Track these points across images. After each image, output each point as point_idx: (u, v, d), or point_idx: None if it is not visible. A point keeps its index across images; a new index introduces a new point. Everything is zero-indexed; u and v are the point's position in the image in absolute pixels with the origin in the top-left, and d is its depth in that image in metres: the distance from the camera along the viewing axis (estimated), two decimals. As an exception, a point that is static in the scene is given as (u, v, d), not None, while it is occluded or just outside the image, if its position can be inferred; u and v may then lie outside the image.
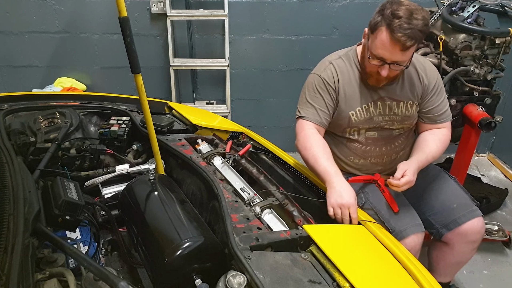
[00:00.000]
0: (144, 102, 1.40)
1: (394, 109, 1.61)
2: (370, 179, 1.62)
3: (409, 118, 1.63)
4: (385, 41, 1.38)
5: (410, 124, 1.66)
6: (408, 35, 1.33)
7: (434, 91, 1.62)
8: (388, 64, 1.43)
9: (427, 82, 1.60)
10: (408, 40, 1.34)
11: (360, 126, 1.62)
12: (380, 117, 1.61)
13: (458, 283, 2.12)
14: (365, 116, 1.59)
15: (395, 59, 1.41)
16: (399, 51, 1.38)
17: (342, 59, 1.61)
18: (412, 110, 1.62)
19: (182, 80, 3.21)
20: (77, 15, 2.99)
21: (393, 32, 1.34)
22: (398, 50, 1.38)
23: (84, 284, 0.98)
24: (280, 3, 2.95)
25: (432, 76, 1.62)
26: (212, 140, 1.77)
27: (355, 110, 1.58)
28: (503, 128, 2.62)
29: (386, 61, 1.42)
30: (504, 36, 1.95)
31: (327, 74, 1.57)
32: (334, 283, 0.98)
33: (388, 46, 1.38)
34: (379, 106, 1.59)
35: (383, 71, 1.44)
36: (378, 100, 1.59)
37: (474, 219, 1.56)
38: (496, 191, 2.81)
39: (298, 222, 1.24)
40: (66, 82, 3.08)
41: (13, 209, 0.96)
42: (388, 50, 1.39)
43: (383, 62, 1.43)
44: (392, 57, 1.41)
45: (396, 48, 1.37)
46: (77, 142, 1.61)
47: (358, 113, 1.59)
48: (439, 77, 1.65)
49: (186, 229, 1.16)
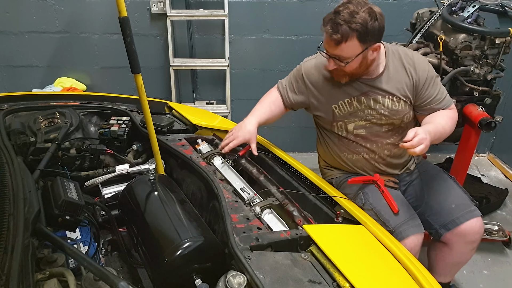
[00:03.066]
0: (144, 102, 1.40)
1: (379, 103, 1.60)
2: (370, 180, 1.62)
3: (397, 112, 1.62)
4: (325, 35, 1.46)
5: (400, 119, 1.63)
6: (334, 30, 1.40)
7: (428, 83, 1.60)
8: (331, 58, 1.49)
9: (417, 77, 1.59)
10: (334, 34, 1.40)
11: (345, 119, 1.65)
12: (365, 111, 1.62)
13: (458, 283, 2.12)
14: (348, 110, 1.63)
15: (334, 53, 1.47)
16: (334, 45, 1.44)
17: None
18: (400, 105, 1.61)
19: (182, 80, 3.21)
20: (77, 15, 2.98)
21: (323, 26, 1.44)
22: (332, 44, 1.44)
23: (84, 284, 0.98)
24: (280, 3, 2.94)
25: (422, 69, 1.60)
26: (212, 140, 1.77)
27: (338, 103, 1.63)
28: (503, 128, 2.62)
29: (329, 54, 1.49)
30: (504, 36, 1.94)
31: (306, 66, 1.69)
32: (334, 283, 0.98)
33: (326, 40, 1.46)
34: (363, 101, 1.61)
35: (328, 64, 1.52)
36: (361, 95, 1.61)
37: (473, 219, 1.56)
38: (496, 191, 2.81)
39: (298, 222, 1.24)
40: (66, 82, 3.08)
41: (13, 209, 0.96)
42: (327, 42, 1.46)
43: (328, 55, 1.49)
44: (330, 50, 1.47)
45: (331, 42, 1.44)
46: (77, 142, 1.61)
47: (341, 106, 1.63)
48: (430, 68, 1.63)
49: (186, 229, 1.16)
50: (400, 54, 1.62)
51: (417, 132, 1.39)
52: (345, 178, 1.73)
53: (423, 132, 1.39)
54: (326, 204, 1.44)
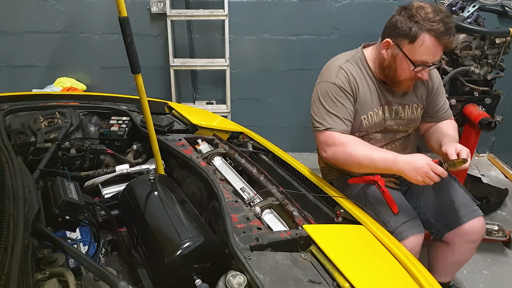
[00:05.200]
0: (144, 102, 1.40)
1: (400, 113, 1.61)
2: (371, 180, 1.61)
3: (414, 121, 1.66)
4: (430, 46, 1.38)
5: (414, 127, 1.69)
6: (451, 34, 1.38)
7: (439, 92, 1.65)
8: (430, 66, 1.45)
9: (431, 84, 1.63)
10: (452, 39, 1.39)
11: (369, 130, 1.60)
12: (387, 121, 1.62)
13: (458, 283, 2.12)
14: (375, 120, 1.58)
15: (437, 60, 1.45)
16: (441, 51, 1.42)
17: (351, 62, 1.56)
18: (417, 113, 1.64)
19: (182, 80, 3.21)
20: (77, 15, 2.99)
21: (440, 37, 1.36)
22: (440, 50, 1.41)
23: (84, 284, 0.98)
24: (280, 3, 2.95)
25: (436, 77, 1.65)
26: (212, 140, 1.77)
27: (367, 114, 1.56)
28: (503, 128, 2.62)
29: (429, 64, 1.44)
30: (504, 36, 1.95)
31: (341, 80, 1.51)
32: (334, 283, 0.98)
33: (433, 50, 1.40)
34: (387, 111, 1.60)
35: (425, 74, 1.46)
36: (385, 104, 1.59)
37: (475, 219, 1.56)
38: (496, 191, 2.81)
39: (298, 222, 1.23)
40: (66, 82, 3.09)
41: (13, 209, 0.96)
42: (433, 53, 1.41)
43: (426, 66, 1.44)
44: (435, 58, 1.44)
45: (440, 50, 1.41)
46: (77, 142, 1.61)
47: (369, 117, 1.57)
48: (439, 76, 1.69)
49: (186, 229, 1.16)
50: None
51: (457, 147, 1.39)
52: (345, 178, 1.73)
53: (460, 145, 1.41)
54: (326, 204, 1.44)
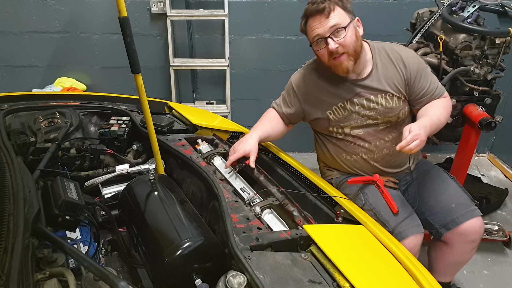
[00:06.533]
0: (144, 102, 1.40)
1: (373, 102, 1.61)
2: (369, 180, 1.62)
3: (392, 110, 1.62)
4: (311, 23, 1.49)
5: (396, 116, 1.64)
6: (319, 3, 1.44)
7: (420, 76, 1.61)
8: (329, 38, 1.47)
9: (406, 71, 1.60)
10: (321, 3, 1.44)
11: (341, 123, 1.66)
12: (360, 112, 1.62)
13: (458, 283, 2.12)
14: (343, 113, 1.64)
15: (329, 26, 1.46)
16: (325, 18, 1.46)
17: (313, 64, 1.72)
18: (394, 102, 1.62)
19: (182, 80, 3.21)
20: (77, 15, 2.99)
21: (308, 10, 1.48)
22: (323, 18, 1.46)
23: (84, 284, 0.98)
24: (280, 3, 2.95)
25: (411, 62, 1.61)
26: (212, 140, 1.77)
27: (332, 109, 1.65)
28: (503, 128, 2.62)
29: (325, 35, 1.48)
30: (504, 36, 1.94)
31: (294, 79, 1.74)
32: (334, 283, 0.98)
33: (315, 24, 1.48)
34: (357, 102, 1.62)
35: (330, 46, 1.48)
36: (354, 97, 1.62)
37: (473, 219, 1.56)
38: (496, 191, 2.81)
39: (298, 222, 1.24)
40: (66, 82, 3.09)
41: (13, 209, 0.96)
42: (317, 26, 1.48)
43: (324, 39, 1.48)
44: (324, 27, 1.47)
45: (321, 18, 1.46)
46: (77, 142, 1.61)
47: (335, 111, 1.65)
48: (419, 60, 1.65)
49: (186, 229, 1.16)
50: (387, 50, 1.62)
51: (410, 129, 1.39)
52: (344, 178, 1.73)
53: (416, 128, 1.39)
54: (326, 204, 1.44)
